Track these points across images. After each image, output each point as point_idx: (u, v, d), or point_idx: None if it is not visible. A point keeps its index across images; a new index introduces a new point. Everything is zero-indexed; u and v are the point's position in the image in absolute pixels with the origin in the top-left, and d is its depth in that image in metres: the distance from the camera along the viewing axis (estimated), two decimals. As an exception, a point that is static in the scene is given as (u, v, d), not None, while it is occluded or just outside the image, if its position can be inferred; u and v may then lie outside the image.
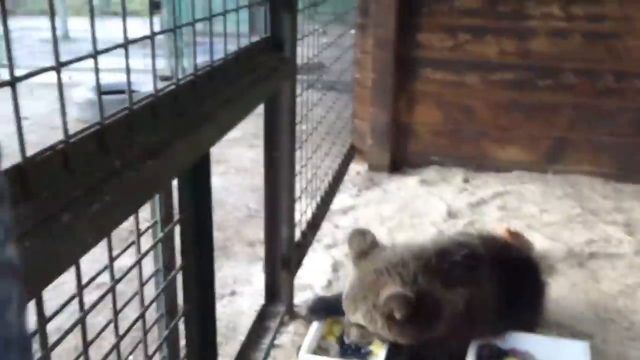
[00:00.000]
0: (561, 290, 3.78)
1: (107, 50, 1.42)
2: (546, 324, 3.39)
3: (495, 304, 2.99)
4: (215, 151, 2.03)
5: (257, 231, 4.39)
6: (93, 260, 1.51)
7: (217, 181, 1.92)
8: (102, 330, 1.62)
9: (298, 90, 3.27)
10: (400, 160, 5.74)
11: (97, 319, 2.10)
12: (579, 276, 4.00)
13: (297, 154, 3.34)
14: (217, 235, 2.05)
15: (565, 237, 4.50)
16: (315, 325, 3.13)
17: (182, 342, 2.10)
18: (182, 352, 2.07)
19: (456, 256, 2.93)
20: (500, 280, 3.03)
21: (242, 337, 3.07)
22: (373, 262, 2.88)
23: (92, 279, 1.51)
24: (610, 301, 3.74)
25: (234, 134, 2.00)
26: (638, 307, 3.69)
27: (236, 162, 5.79)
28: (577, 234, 4.56)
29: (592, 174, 5.54)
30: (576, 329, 3.43)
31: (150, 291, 1.94)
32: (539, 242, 4.31)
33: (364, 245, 2.95)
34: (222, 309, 3.38)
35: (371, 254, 2.92)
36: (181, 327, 2.05)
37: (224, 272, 3.78)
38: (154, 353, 1.94)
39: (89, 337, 1.49)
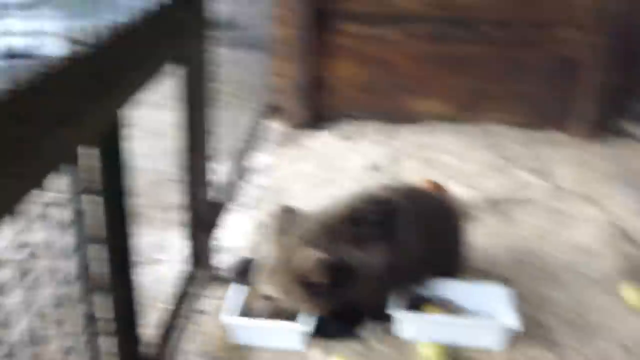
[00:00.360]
0: (480, 236, 3.89)
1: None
2: (466, 269, 3.49)
3: (417, 254, 3.07)
4: (126, 115, 1.97)
5: (174, 195, 4.32)
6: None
7: (131, 146, 1.89)
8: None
9: (213, 48, 3.22)
10: (318, 115, 5.74)
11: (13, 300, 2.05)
12: (496, 222, 4.14)
13: (214, 113, 3.29)
14: (132, 203, 2.01)
15: (483, 185, 4.63)
16: (239, 288, 3.14)
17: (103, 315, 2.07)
18: (103, 325, 2.05)
19: (372, 214, 2.98)
20: (421, 230, 3.11)
21: (164, 304, 3.04)
22: (291, 235, 2.94)
23: None
24: (526, 244, 3.89)
25: (146, 96, 1.96)
26: (552, 249, 3.85)
27: (148, 125, 5.66)
28: (494, 181, 4.70)
29: (507, 122, 5.69)
30: (495, 272, 3.56)
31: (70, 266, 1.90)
32: (458, 190, 4.42)
33: (286, 222, 3.01)
34: (142, 278, 3.33)
35: (288, 230, 2.98)
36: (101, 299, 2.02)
37: (142, 240, 3.70)
38: (79, 328, 1.91)
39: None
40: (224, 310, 2.98)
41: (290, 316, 2.98)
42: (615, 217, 4.10)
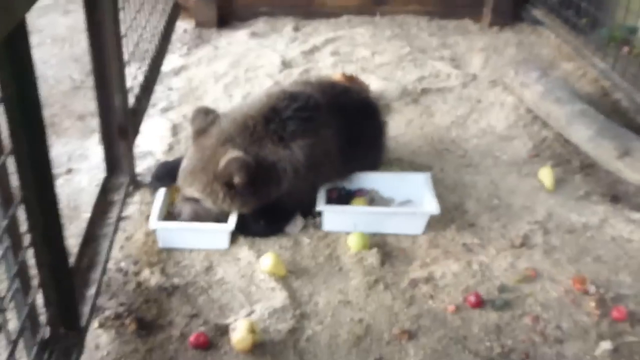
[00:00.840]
0: (399, 127, 3.93)
1: None
2: (388, 161, 3.54)
3: (338, 149, 3.07)
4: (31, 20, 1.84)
5: (86, 103, 4.18)
6: None
7: (33, 54, 1.76)
8: None
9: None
10: (227, 14, 5.57)
11: None
12: (414, 112, 4.17)
13: (120, 15, 3.13)
14: (43, 113, 1.90)
15: (398, 76, 4.63)
16: (161, 192, 3.08)
17: (24, 229, 1.99)
18: (26, 240, 1.97)
19: (288, 111, 2.95)
20: (341, 125, 3.10)
21: (86, 214, 2.97)
22: (210, 136, 2.90)
23: None
24: (444, 132, 3.95)
25: (43, 0, 1.82)
26: (469, 136, 3.93)
27: (51, 31, 5.37)
28: (408, 72, 4.70)
29: (418, 13, 5.67)
30: (416, 162, 3.61)
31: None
32: (374, 83, 4.41)
33: (203, 123, 2.96)
34: (60, 189, 3.23)
35: (208, 131, 2.93)
36: (22, 215, 1.94)
37: (57, 151, 3.59)
38: (-4, 243, 1.83)
39: None
40: (151, 216, 2.92)
41: (218, 218, 2.96)
42: (526, 101, 4.19)
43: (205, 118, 2.97)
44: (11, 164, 1.83)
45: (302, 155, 2.91)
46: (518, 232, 3.09)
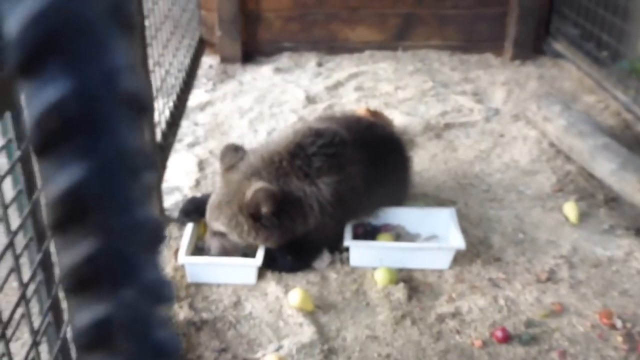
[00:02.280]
0: (422, 162, 3.94)
1: None
2: (413, 196, 3.54)
3: (365, 184, 3.08)
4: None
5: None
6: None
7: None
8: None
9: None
10: (252, 49, 5.63)
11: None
12: (437, 147, 4.17)
13: (148, 51, 3.18)
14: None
15: (421, 111, 4.65)
16: (190, 227, 3.10)
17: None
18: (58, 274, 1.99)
19: (314, 147, 2.97)
20: (367, 161, 3.11)
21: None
22: (237, 171, 2.92)
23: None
24: (468, 167, 3.95)
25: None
26: (492, 170, 3.92)
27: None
28: (431, 107, 4.72)
29: (439, 47, 5.69)
30: (441, 197, 3.61)
31: (13, 217, 1.83)
32: (397, 118, 4.43)
33: (232, 159, 2.98)
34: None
35: (235, 167, 2.96)
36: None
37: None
38: (30, 280, 1.84)
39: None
40: (179, 251, 2.93)
41: (246, 252, 2.97)
42: (549, 135, 4.18)
43: (233, 154, 3.00)
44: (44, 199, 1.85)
45: (329, 192, 2.92)
46: (543, 266, 3.06)
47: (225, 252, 2.96)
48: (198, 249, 3.07)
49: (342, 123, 3.26)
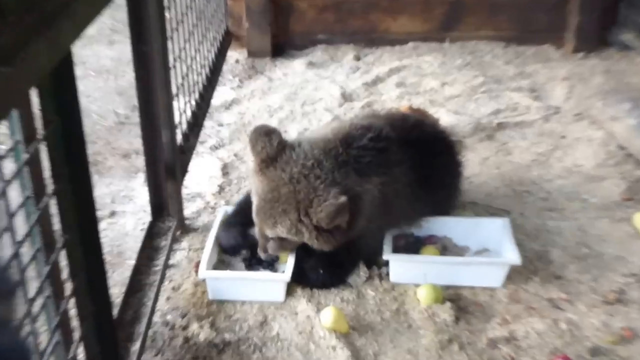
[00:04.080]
0: (473, 166, 3.89)
1: None
2: (462, 204, 3.50)
3: (409, 189, 3.04)
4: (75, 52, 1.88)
5: (130, 140, 4.26)
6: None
7: (81, 87, 1.81)
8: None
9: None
10: (282, 42, 5.64)
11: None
12: (489, 149, 4.13)
13: (168, 45, 3.19)
14: (89, 149, 1.94)
15: (470, 110, 4.61)
16: (212, 237, 3.09)
17: (65, 277, 2.01)
18: (68, 289, 1.99)
19: (364, 139, 2.91)
20: (413, 163, 3.06)
21: (130, 261, 3.00)
22: (284, 169, 2.79)
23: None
24: (524, 172, 3.90)
25: (88, 30, 1.86)
26: (552, 176, 3.86)
27: (95, 62, 5.52)
28: (482, 105, 4.68)
29: (492, 38, 5.64)
30: (493, 205, 3.57)
31: (19, 225, 1.83)
32: (444, 117, 4.39)
33: (270, 149, 2.82)
34: (103, 233, 3.28)
35: (280, 159, 2.81)
36: (63, 261, 1.96)
37: (100, 191, 3.65)
38: (37, 294, 1.85)
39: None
40: (201, 264, 2.93)
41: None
42: (616, 136, 4.10)
43: (270, 142, 2.83)
44: (53, 206, 1.86)
45: (377, 194, 2.88)
46: (611, 285, 3.00)
47: (283, 250, 2.95)
48: (221, 262, 3.07)
49: (386, 120, 3.22)
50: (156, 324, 2.79)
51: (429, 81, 5.04)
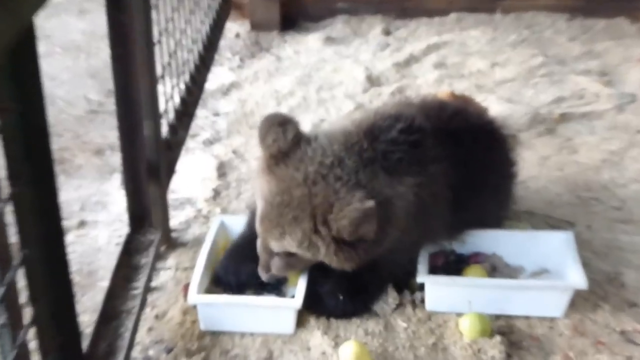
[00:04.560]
0: (529, 167, 3.89)
1: None
2: (515, 214, 3.50)
3: (449, 193, 3.03)
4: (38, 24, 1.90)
5: (105, 132, 4.28)
6: None
7: (44, 67, 1.81)
8: None
9: None
10: (294, 12, 5.66)
11: None
12: (549, 147, 4.13)
13: (152, 15, 3.21)
14: (51, 146, 1.95)
15: (527, 97, 4.61)
16: (204, 254, 3.10)
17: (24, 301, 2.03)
18: (27, 316, 2.00)
19: (393, 131, 2.89)
20: (453, 161, 3.05)
21: (103, 282, 3.01)
22: (297, 168, 2.77)
23: None
24: (592, 175, 3.90)
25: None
26: (627, 180, 3.87)
27: (62, 37, 5.55)
28: (541, 91, 4.68)
29: (553, 8, 5.65)
30: (554, 216, 3.57)
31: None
32: (494, 106, 4.40)
33: (283, 142, 2.81)
34: (71, 248, 3.28)
35: (293, 155, 2.80)
36: (21, 281, 1.98)
37: (67, 196, 3.67)
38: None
39: None
40: (191, 287, 2.94)
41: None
42: None
43: (283, 134, 2.82)
44: (9, 214, 1.87)
45: (413, 197, 2.87)
46: (698, 315, 3.00)
47: (290, 269, 2.94)
48: (215, 284, 3.07)
49: (420, 109, 3.21)
50: (136, 360, 2.81)
51: (476, 61, 5.05)
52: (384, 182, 2.79)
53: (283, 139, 2.81)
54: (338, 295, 2.96)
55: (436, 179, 2.96)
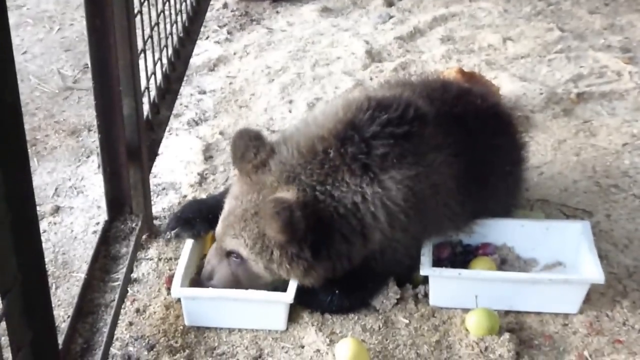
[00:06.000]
0: (544, 151, 3.92)
1: None
2: (527, 203, 3.52)
3: (454, 183, 3.07)
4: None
5: (80, 111, 4.28)
6: None
7: (12, 38, 1.82)
8: None
9: None
10: (287, -20, 5.66)
11: None
12: (566, 129, 4.15)
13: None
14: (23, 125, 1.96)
15: (542, 75, 4.62)
16: (189, 244, 3.12)
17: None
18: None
19: (373, 126, 2.93)
20: (459, 147, 3.08)
21: (79, 274, 3.03)
22: (265, 172, 2.95)
23: None
24: (613, 161, 3.92)
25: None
26: (648, 167, 3.89)
27: (34, 6, 5.55)
28: (558, 68, 4.69)
29: (573, -24, 5.65)
30: (570, 204, 3.58)
31: None
32: (506, 84, 4.42)
33: (252, 153, 2.99)
34: (44, 236, 3.32)
35: (262, 162, 2.97)
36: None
37: (39, 180, 3.69)
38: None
39: None
40: (174, 279, 2.96)
41: (271, 285, 2.99)
42: None
43: (254, 146, 3.00)
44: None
45: (400, 194, 2.90)
46: None
47: (236, 283, 2.99)
48: (202, 277, 3.09)
49: (421, 90, 3.25)
50: (115, 357, 2.82)
51: (486, 35, 5.06)
52: (348, 190, 2.88)
53: (252, 151, 2.99)
54: (333, 289, 2.99)
55: (437, 169, 3.00)
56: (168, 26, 3.92)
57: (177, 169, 3.85)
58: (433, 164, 3.00)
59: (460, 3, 5.47)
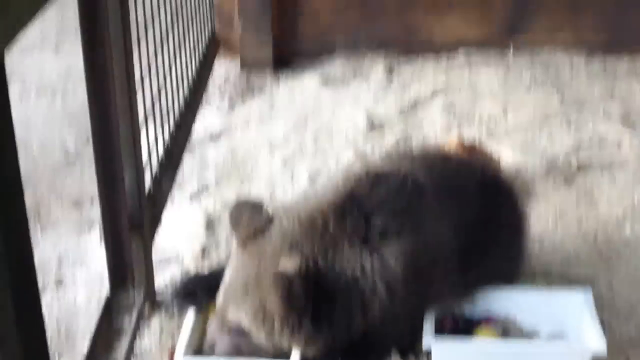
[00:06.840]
0: (545, 221, 3.94)
1: None
2: (529, 272, 3.53)
3: (454, 254, 3.09)
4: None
5: (83, 183, 4.29)
6: None
7: (12, 110, 1.83)
8: None
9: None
10: (288, 50, 5.68)
11: None
12: (567, 199, 4.17)
13: (134, 54, 3.23)
14: (24, 197, 1.96)
15: (542, 145, 4.65)
16: (190, 316, 3.13)
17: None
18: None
19: (372, 199, 2.98)
20: (459, 218, 3.13)
21: (82, 347, 3.03)
22: (265, 241, 2.97)
23: None
24: (614, 230, 3.93)
25: (28, 34, 1.91)
26: (652, 236, 3.90)
27: (36, 78, 5.58)
28: (558, 138, 4.72)
29: (571, 45, 5.69)
30: (571, 274, 3.59)
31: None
32: (507, 155, 4.44)
33: (252, 224, 3.02)
34: (47, 310, 3.31)
35: (267, 232, 2.99)
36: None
37: (42, 252, 3.70)
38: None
39: None
40: (176, 352, 2.97)
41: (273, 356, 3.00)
42: None
43: (254, 217, 3.05)
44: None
45: (399, 266, 2.93)
46: None
47: (236, 355, 2.99)
48: (204, 349, 3.10)
49: (420, 162, 3.30)
50: None
51: (487, 105, 5.10)
52: (348, 262, 2.91)
53: (252, 221, 3.03)
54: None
55: (436, 241, 3.04)
56: (170, 97, 3.94)
57: (179, 241, 3.87)
58: (432, 236, 3.04)
59: (460, 72, 5.53)
